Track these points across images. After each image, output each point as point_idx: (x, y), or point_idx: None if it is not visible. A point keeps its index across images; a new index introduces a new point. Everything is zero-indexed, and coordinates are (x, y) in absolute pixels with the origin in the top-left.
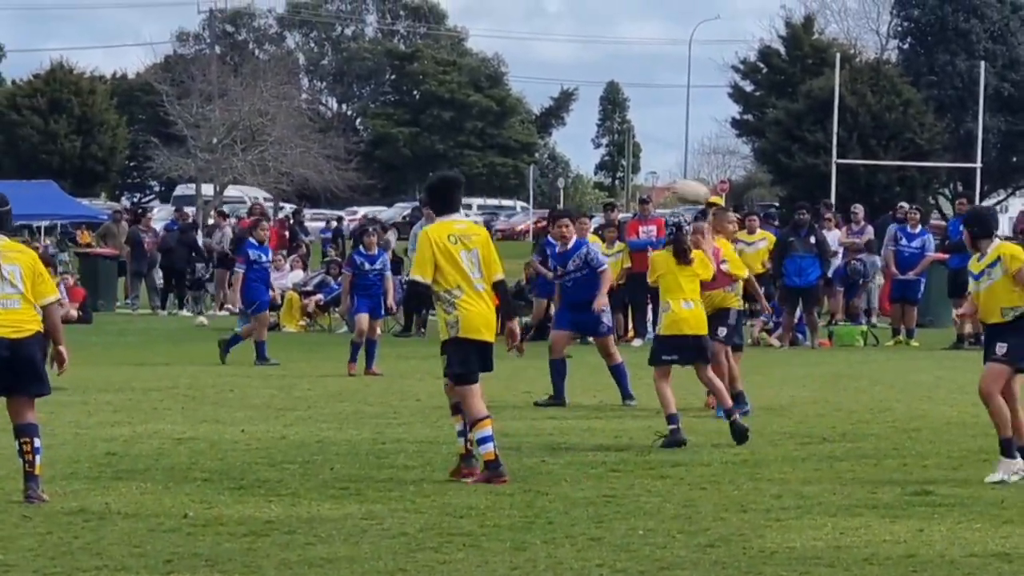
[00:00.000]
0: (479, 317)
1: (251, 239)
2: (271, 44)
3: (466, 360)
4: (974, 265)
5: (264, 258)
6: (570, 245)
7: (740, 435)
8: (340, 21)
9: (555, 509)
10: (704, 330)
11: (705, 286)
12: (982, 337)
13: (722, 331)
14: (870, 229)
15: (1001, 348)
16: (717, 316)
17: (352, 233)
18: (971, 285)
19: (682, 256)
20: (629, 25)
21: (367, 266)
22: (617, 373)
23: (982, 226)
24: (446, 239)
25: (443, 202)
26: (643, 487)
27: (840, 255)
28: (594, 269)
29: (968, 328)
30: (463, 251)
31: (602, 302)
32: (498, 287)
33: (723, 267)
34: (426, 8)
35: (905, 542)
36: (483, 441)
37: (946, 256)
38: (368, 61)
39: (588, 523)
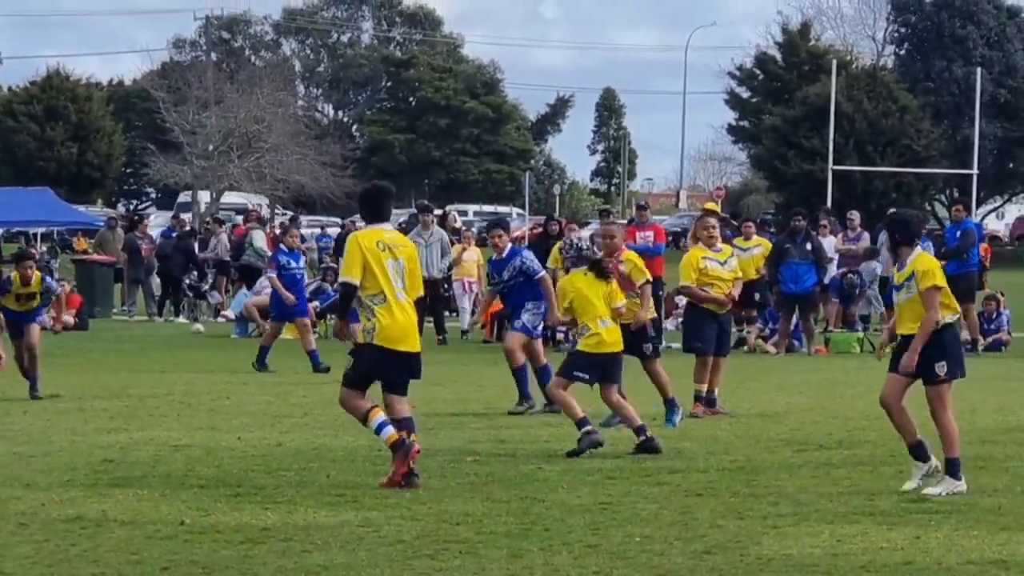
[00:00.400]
0: (397, 327)
1: (281, 245)
2: (267, 51)
3: (366, 371)
4: (896, 275)
5: (294, 264)
6: (504, 254)
7: (653, 451)
8: (336, 28)
9: (551, 516)
10: (620, 347)
11: None
12: (979, 344)
13: (647, 348)
14: (866, 236)
15: (941, 367)
16: (633, 334)
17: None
18: (894, 295)
19: (604, 274)
20: (625, 32)
21: None
22: (519, 375)
23: (904, 232)
24: (375, 245)
25: (374, 211)
26: (639, 494)
27: (836, 262)
28: (530, 277)
29: (965, 335)
30: (390, 259)
31: (556, 316)
32: (416, 304)
33: (621, 268)
34: (422, 15)
35: (902, 549)
36: (380, 428)
37: (943, 263)
38: (364, 68)
39: (585, 530)
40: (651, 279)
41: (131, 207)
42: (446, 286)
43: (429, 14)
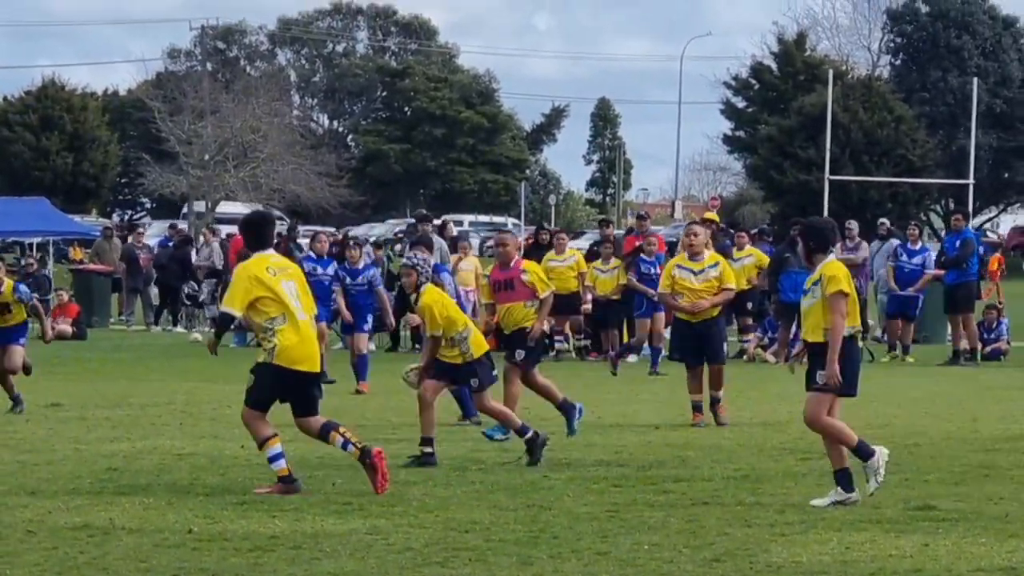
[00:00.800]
0: (301, 347)
1: (309, 252)
2: (262, 61)
3: (268, 392)
4: (807, 281)
5: (320, 270)
6: None
7: (534, 455)
8: (331, 38)
9: (559, 524)
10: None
11: (505, 297)
12: (978, 354)
13: (519, 353)
14: (865, 245)
15: (821, 376)
16: (518, 336)
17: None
18: (802, 301)
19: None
20: (620, 42)
21: (348, 280)
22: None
23: (817, 240)
24: (264, 271)
25: (257, 239)
26: (646, 502)
27: None
28: (457, 296)
29: (964, 344)
30: (284, 281)
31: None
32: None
33: (523, 277)
34: (417, 25)
35: (911, 557)
36: (275, 459)
37: (942, 272)
38: (359, 78)
39: (593, 538)
40: (553, 290)
41: (126, 217)
42: None
43: (424, 24)
